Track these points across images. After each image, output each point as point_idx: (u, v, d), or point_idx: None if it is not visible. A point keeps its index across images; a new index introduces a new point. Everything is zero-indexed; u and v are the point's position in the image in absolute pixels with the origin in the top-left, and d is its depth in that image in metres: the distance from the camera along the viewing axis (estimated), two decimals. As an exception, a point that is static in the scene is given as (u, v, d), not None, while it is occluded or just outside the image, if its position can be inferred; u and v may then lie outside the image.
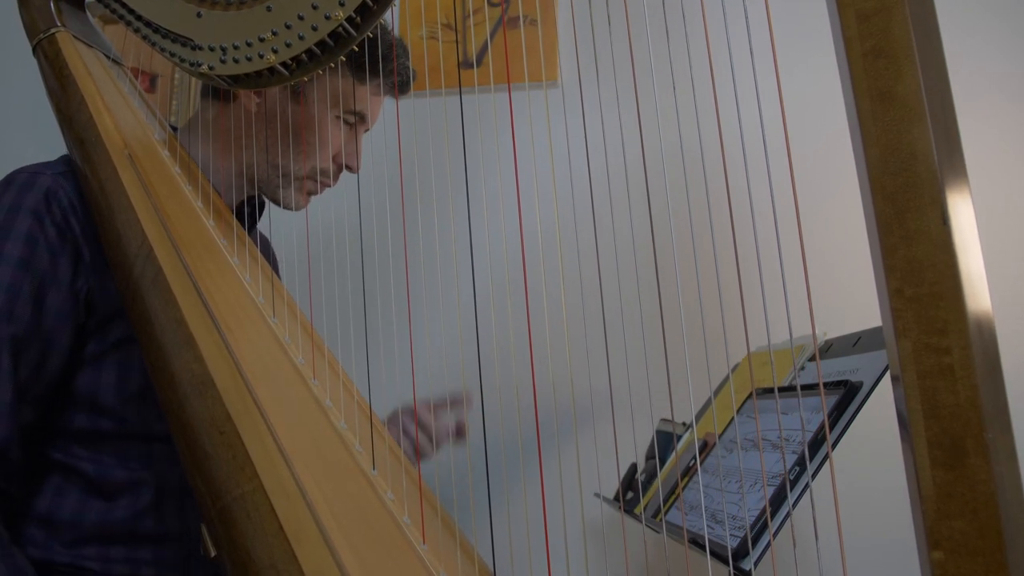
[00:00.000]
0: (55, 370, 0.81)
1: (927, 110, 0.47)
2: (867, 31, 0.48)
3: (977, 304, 0.45)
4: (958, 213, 0.46)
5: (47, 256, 0.79)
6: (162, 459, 0.85)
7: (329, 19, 0.75)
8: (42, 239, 0.80)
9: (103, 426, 0.83)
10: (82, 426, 0.83)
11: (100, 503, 0.82)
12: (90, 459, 0.83)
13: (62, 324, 0.80)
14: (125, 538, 0.83)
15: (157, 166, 0.90)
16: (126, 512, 0.83)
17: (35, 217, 0.80)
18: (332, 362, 0.83)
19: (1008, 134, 1.35)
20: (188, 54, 0.84)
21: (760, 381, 0.96)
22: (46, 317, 0.79)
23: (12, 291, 0.77)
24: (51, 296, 0.79)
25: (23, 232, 0.79)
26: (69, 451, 0.83)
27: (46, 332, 0.79)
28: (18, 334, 0.77)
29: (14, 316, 0.77)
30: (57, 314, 0.80)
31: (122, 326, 0.83)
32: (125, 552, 0.83)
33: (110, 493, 0.83)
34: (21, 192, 0.81)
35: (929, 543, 0.43)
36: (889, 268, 0.46)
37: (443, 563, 0.63)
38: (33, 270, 0.78)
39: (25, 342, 0.78)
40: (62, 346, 0.81)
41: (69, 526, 0.81)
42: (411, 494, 0.69)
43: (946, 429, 0.44)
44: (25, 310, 0.77)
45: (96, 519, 0.82)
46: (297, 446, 0.65)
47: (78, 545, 0.81)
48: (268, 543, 0.57)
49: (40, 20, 1.01)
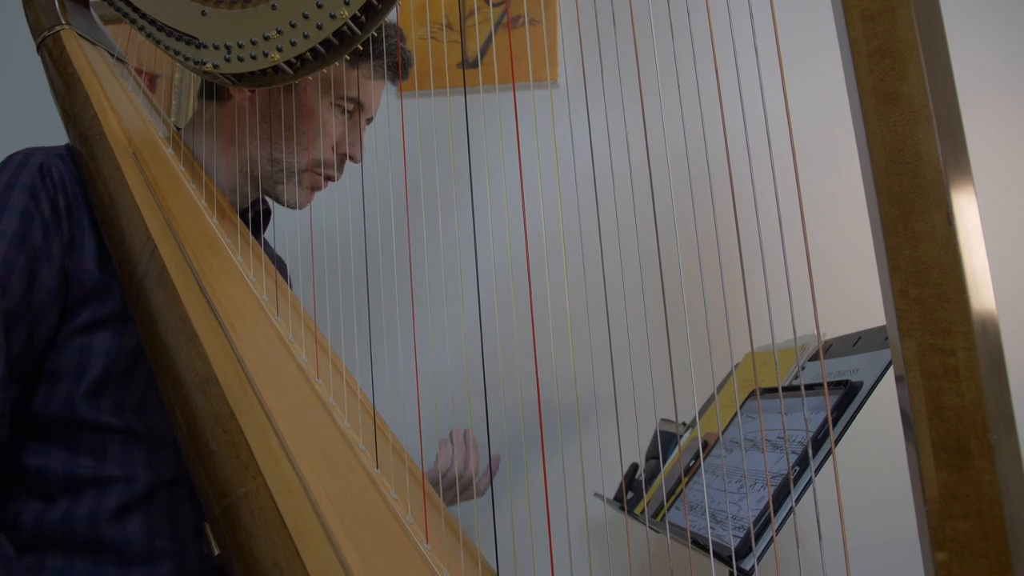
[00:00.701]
0: (40, 347, 0.80)
1: (932, 111, 0.47)
2: (872, 31, 0.48)
3: (982, 305, 0.45)
4: (963, 214, 0.46)
5: (41, 232, 0.80)
6: (115, 455, 0.81)
7: (334, 18, 0.75)
8: (37, 215, 0.80)
9: (53, 411, 0.80)
10: (36, 409, 0.80)
11: (38, 504, 0.78)
12: (37, 451, 0.79)
13: (51, 301, 0.80)
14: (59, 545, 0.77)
15: (161, 164, 0.90)
16: (60, 515, 0.77)
17: (31, 193, 0.80)
18: (336, 361, 0.83)
19: (1014, 134, 1.35)
20: (193, 52, 0.84)
21: (761, 381, 0.96)
22: (37, 292, 0.78)
23: (7, 266, 0.76)
24: (44, 272, 0.79)
25: (19, 208, 0.79)
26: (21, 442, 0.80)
27: (36, 308, 0.79)
28: (11, 309, 0.76)
29: (8, 291, 0.76)
30: (48, 290, 0.79)
31: (90, 310, 0.81)
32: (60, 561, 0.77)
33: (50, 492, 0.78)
34: (17, 170, 0.82)
35: (933, 544, 0.43)
36: (894, 269, 0.46)
37: (446, 562, 0.63)
38: (28, 245, 0.78)
39: (17, 317, 0.77)
40: (49, 323, 0.80)
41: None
42: (414, 493, 0.69)
43: (950, 430, 0.44)
44: (19, 285, 0.77)
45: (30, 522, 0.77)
46: (301, 445, 0.65)
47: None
48: (272, 541, 0.57)
49: (45, 18, 1.01)
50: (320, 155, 0.96)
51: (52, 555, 0.77)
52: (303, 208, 0.99)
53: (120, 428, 0.82)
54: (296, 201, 0.98)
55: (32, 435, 0.81)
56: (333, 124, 0.96)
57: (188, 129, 1.01)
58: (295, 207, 0.99)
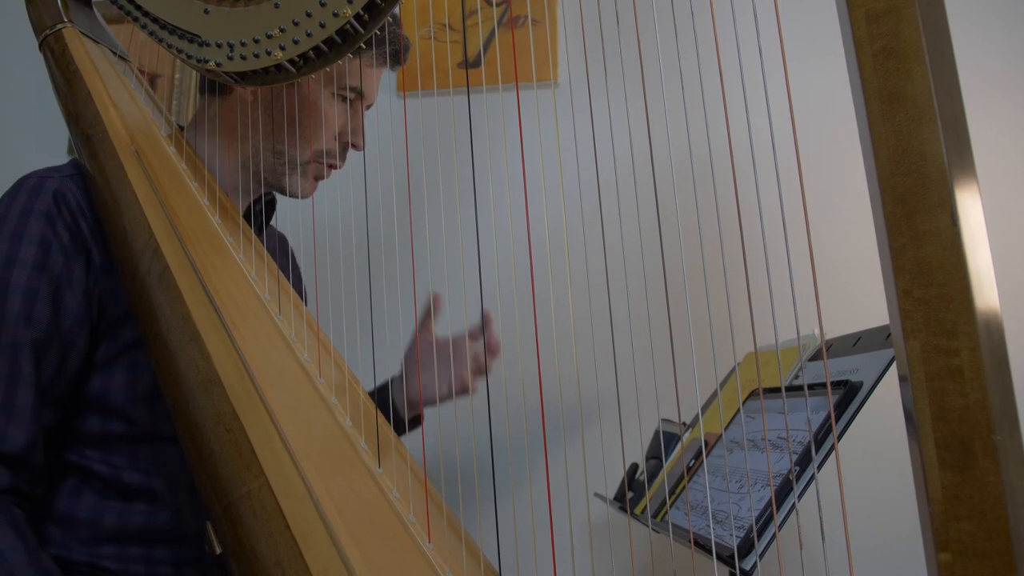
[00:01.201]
0: (73, 372, 0.81)
1: (937, 111, 0.47)
2: (877, 32, 0.48)
3: (986, 305, 0.45)
4: (967, 214, 0.46)
5: (61, 259, 0.80)
6: (174, 459, 0.84)
7: (337, 16, 0.75)
8: (55, 242, 0.80)
9: (113, 429, 0.83)
10: (93, 429, 0.83)
11: (118, 504, 0.82)
12: (103, 461, 0.83)
13: (79, 326, 0.81)
14: (142, 538, 0.82)
15: (163, 162, 0.90)
16: (142, 514, 0.82)
17: (47, 220, 0.80)
18: (338, 360, 0.83)
19: (1018, 135, 1.34)
20: (195, 50, 0.84)
21: (761, 381, 0.96)
22: (64, 319, 0.79)
23: (30, 295, 0.77)
24: (68, 298, 0.80)
25: (36, 236, 0.80)
26: (83, 453, 0.83)
27: (64, 334, 0.80)
28: (38, 338, 0.77)
29: (33, 319, 0.77)
30: (74, 316, 0.80)
31: (132, 329, 0.83)
32: (142, 551, 0.82)
33: (126, 495, 0.83)
34: (31, 197, 0.82)
35: (937, 545, 0.43)
36: (898, 269, 0.46)
37: (448, 562, 0.63)
38: (48, 273, 0.79)
39: (45, 345, 0.78)
40: (79, 348, 0.81)
41: (86, 525, 0.81)
42: (417, 493, 0.69)
43: (954, 431, 0.44)
44: (44, 313, 0.78)
45: (113, 520, 0.82)
46: (303, 444, 0.65)
47: (96, 544, 0.81)
48: (274, 541, 0.57)
49: (47, 16, 1.00)
50: (323, 145, 0.97)
51: (133, 547, 0.82)
52: (307, 197, 1.00)
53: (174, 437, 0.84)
54: (299, 191, 0.98)
55: (93, 447, 0.83)
56: (335, 115, 0.96)
57: (191, 128, 1.01)
58: (298, 196, 0.99)
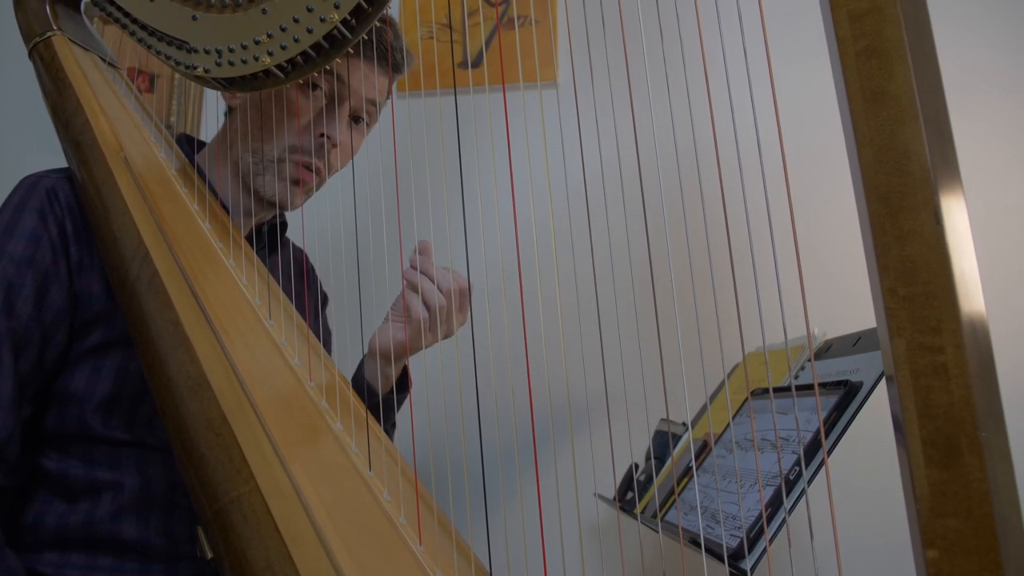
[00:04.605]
0: (50, 367, 0.82)
1: (920, 110, 0.47)
2: (859, 31, 0.49)
3: (970, 303, 0.45)
4: (951, 213, 0.46)
5: (50, 253, 0.81)
6: (130, 465, 0.84)
7: (324, 21, 0.75)
8: (46, 236, 0.82)
9: (68, 427, 0.83)
10: (50, 425, 0.83)
11: (61, 505, 0.81)
12: (56, 459, 0.83)
13: (60, 321, 0.82)
14: (81, 544, 0.81)
15: (153, 169, 0.90)
16: (83, 516, 0.81)
17: (39, 215, 0.83)
18: (328, 364, 0.83)
19: (1001, 132, 1.35)
20: (183, 57, 0.84)
21: (759, 382, 0.96)
22: (46, 313, 0.80)
23: (14, 287, 0.78)
24: (53, 292, 0.81)
25: (28, 229, 0.81)
26: (38, 449, 0.83)
27: (45, 328, 0.80)
28: (18, 329, 0.78)
29: (15, 312, 0.78)
30: (57, 310, 0.81)
31: (99, 332, 0.83)
32: (83, 559, 0.81)
33: (71, 495, 0.82)
34: (27, 193, 0.84)
35: (924, 542, 0.43)
36: (883, 267, 0.46)
37: (440, 564, 0.63)
38: (36, 267, 0.80)
39: (26, 338, 0.79)
40: (58, 343, 0.82)
41: (29, 529, 0.80)
42: (407, 495, 0.69)
43: (940, 428, 0.44)
44: (26, 306, 0.79)
45: (54, 522, 0.80)
46: (293, 448, 0.65)
47: (36, 550, 0.80)
48: (264, 545, 0.57)
49: (36, 23, 1.01)
50: (295, 140, 0.90)
51: (75, 553, 0.81)
52: (295, 207, 0.96)
53: (131, 442, 0.85)
54: (276, 193, 0.92)
55: (49, 445, 0.83)
56: (303, 104, 0.90)
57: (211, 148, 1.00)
58: (281, 203, 0.93)
